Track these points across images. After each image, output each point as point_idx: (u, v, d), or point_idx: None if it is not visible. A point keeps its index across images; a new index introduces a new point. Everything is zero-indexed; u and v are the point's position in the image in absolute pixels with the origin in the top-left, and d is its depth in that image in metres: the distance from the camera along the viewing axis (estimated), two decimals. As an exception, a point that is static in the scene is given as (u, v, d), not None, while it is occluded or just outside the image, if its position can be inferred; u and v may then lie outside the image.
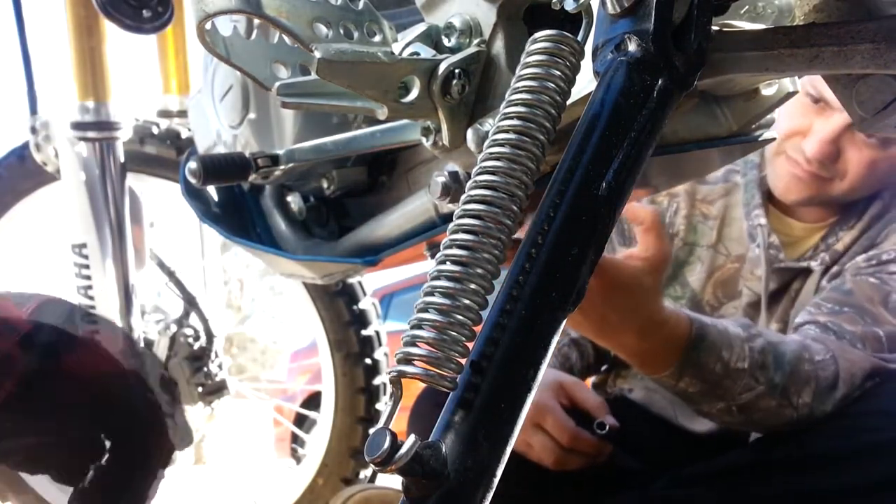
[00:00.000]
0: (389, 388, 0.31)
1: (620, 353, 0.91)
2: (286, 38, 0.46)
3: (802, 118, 1.07)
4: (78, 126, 1.15)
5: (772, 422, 0.94)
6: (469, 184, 0.34)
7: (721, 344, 0.88)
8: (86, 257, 1.22)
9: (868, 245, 1.11)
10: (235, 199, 0.95)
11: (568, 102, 0.36)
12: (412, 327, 0.31)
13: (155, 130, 1.31)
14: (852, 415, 0.95)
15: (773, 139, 0.62)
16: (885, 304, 1.04)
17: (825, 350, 0.94)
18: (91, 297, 1.21)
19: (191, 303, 1.37)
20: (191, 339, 1.33)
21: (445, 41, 0.49)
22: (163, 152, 1.31)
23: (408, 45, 0.47)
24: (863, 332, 1.00)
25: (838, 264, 1.12)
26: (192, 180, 0.78)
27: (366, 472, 1.50)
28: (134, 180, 1.27)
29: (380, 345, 1.48)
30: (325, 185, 0.85)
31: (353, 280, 1.22)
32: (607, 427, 0.97)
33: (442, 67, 0.46)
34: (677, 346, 0.86)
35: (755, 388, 0.90)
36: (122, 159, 1.19)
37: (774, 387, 0.90)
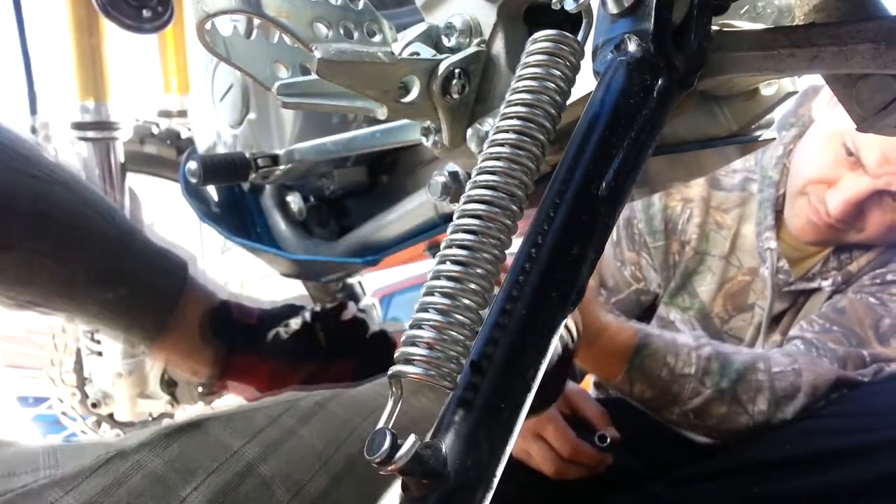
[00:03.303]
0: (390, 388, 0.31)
1: (580, 360, 0.96)
2: (286, 38, 0.46)
3: (833, 168, 1.05)
4: (78, 126, 1.15)
5: (727, 427, 0.97)
6: (469, 184, 0.34)
7: (666, 350, 0.93)
8: (86, 257, 1.22)
9: (879, 267, 1.11)
10: (235, 199, 0.95)
11: (568, 102, 0.36)
12: (412, 327, 0.31)
13: (155, 130, 1.31)
14: (846, 415, 0.96)
15: (773, 139, 0.62)
16: (876, 329, 1.04)
17: (789, 362, 0.97)
18: (91, 297, 1.21)
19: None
20: (191, 339, 1.33)
21: (445, 41, 0.49)
22: (163, 152, 1.31)
23: (408, 45, 0.47)
24: (845, 352, 1.02)
25: (848, 285, 1.12)
26: (192, 180, 0.78)
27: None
28: (134, 180, 1.27)
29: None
30: (325, 185, 0.85)
31: (353, 280, 1.22)
32: (608, 440, 0.97)
33: (442, 67, 0.46)
34: (623, 352, 0.92)
35: (703, 393, 0.94)
36: (121, 159, 1.19)
37: (722, 392, 0.95)
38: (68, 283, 0.83)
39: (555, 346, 0.32)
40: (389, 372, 0.31)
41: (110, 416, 1.31)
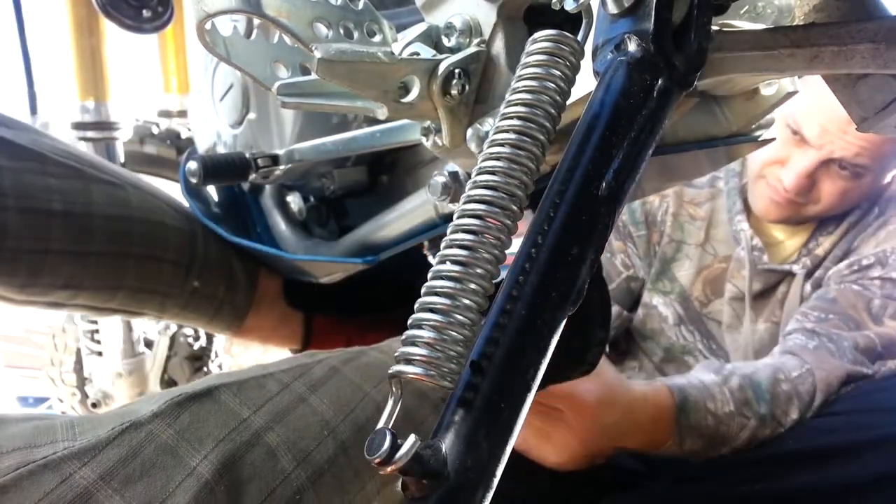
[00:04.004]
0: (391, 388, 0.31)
1: (631, 445, 0.94)
2: (286, 38, 0.46)
3: (782, 148, 1.14)
4: (78, 126, 1.16)
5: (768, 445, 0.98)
6: (469, 184, 0.34)
7: (704, 397, 0.93)
8: (86, 257, 1.21)
9: (846, 249, 1.19)
10: (235, 199, 0.96)
11: (568, 102, 0.36)
12: (411, 327, 0.31)
13: (155, 130, 1.31)
14: (850, 412, 0.97)
15: (773, 139, 0.62)
16: (868, 311, 1.10)
17: (800, 364, 0.99)
18: (91, 297, 1.21)
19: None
20: (191, 339, 1.33)
21: (445, 41, 0.49)
22: (163, 152, 1.31)
23: (408, 45, 0.47)
24: (850, 335, 1.04)
25: (820, 268, 1.20)
26: (192, 180, 0.78)
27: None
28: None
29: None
30: (325, 185, 0.85)
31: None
32: None
33: (442, 67, 0.46)
34: (668, 415, 0.91)
35: (748, 425, 0.95)
36: (121, 159, 1.19)
37: (763, 417, 0.95)
38: (157, 280, 0.84)
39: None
40: (389, 372, 0.31)
41: (110, 416, 1.31)
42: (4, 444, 0.44)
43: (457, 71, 0.47)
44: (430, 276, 0.32)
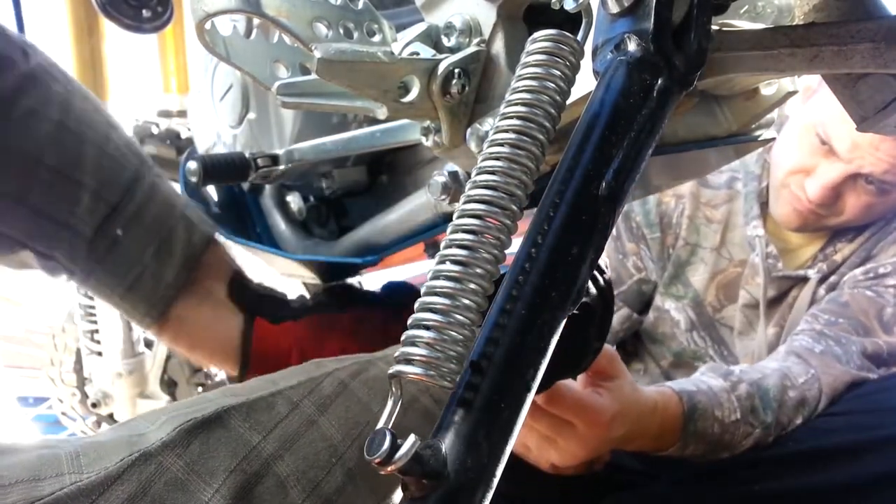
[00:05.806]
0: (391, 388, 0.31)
1: (633, 448, 0.94)
2: (286, 38, 0.46)
3: (809, 157, 1.11)
4: (78, 126, 1.15)
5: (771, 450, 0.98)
6: (468, 184, 0.34)
7: (712, 405, 0.92)
8: (86, 257, 1.21)
9: (865, 257, 1.17)
10: (235, 199, 0.96)
11: (568, 102, 0.36)
12: (411, 327, 0.31)
13: (155, 130, 1.31)
14: (849, 412, 0.97)
15: (773, 139, 0.62)
16: (879, 319, 1.09)
17: (806, 369, 0.99)
18: (91, 297, 1.21)
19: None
20: (191, 339, 1.33)
21: (445, 41, 0.49)
22: (163, 152, 1.31)
23: (407, 44, 0.47)
24: (860, 340, 1.04)
25: (836, 274, 1.17)
26: (192, 180, 0.78)
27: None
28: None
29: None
30: (325, 185, 0.85)
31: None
32: None
33: (441, 67, 0.46)
34: (676, 422, 0.91)
35: (753, 433, 0.95)
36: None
37: (768, 426, 0.95)
38: (70, 208, 0.75)
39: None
40: (389, 372, 0.31)
41: (110, 416, 1.31)
42: (6, 474, 0.43)
43: (456, 71, 0.47)
44: (429, 275, 0.32)
